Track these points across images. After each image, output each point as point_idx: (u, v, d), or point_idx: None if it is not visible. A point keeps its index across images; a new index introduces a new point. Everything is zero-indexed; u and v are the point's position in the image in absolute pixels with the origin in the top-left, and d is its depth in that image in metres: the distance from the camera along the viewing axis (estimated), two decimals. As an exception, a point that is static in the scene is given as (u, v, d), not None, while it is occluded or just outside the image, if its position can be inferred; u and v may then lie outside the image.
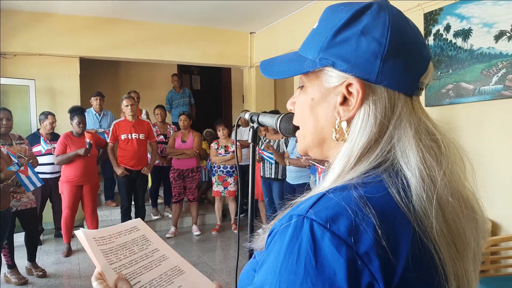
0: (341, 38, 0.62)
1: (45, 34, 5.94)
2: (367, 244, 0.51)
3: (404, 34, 0.62)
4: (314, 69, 0.65)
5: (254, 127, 1.19)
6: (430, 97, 3.82)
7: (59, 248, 5.13)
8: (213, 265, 4.64)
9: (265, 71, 0.74)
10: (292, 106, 0.74)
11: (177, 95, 7.60)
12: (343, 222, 0.52)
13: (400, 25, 0.62)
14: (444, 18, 3.67)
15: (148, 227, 1.02)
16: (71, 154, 4.71)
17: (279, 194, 5.11)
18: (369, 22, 0.61)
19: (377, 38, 0.60)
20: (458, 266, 0.58)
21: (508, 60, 3.16)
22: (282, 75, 0.70)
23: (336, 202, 0.54)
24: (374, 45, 0.60)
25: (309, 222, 0.53)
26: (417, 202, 0.56)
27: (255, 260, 0.69)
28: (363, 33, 0.61)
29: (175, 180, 5.70)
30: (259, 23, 6.68)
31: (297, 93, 0.72)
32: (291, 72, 0.68)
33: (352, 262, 0.50)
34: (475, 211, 0.63)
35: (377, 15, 0.62)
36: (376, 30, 0.61)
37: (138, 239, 0.96)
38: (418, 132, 0.61)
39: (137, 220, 1.02)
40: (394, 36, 0.61)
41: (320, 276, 0.50)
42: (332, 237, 0.51)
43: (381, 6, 0.63)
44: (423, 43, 0.66)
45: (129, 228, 0.97)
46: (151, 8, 5.84)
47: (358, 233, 0.52)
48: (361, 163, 0.61)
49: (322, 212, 0.53)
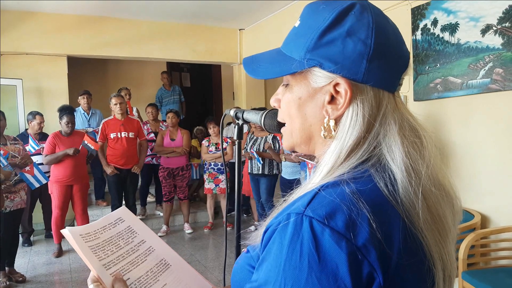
0: (327, 39, 0.63)
1: (32, 33, 5.87)
2: (364, 237, 0.54)
3: (386, 34, 0.64)
4: (302, 70, 0.66)
5: (240, 124, 1.19)
6: (418, 92, 3.84)
7: (50, 249, 5.09)
8: (205, 263, 4.64)
9: (250, 71, 0.75)
10: (277, 103, 0.75)
11: (167, 92, 7.57)
12: (340, 218, 0.55)
13: (382, 24, 0.64)
14: (431, 13, 3.69)
15: (133, 215, 1.01)
16: (60, 153, 4.67)
17: (266, 190, 5.14)
18: (353, 23, 0.63)
19: (362, 39, 0.62)
20: (442, 251, 0.62)
21: (495, 53, 3.18)
22: (269, 75, 0.70)
23: (331, 198, 0.57)
24: (360, 46, 0.62)
25: (308, 219, 0.55)
26: (404, 195, 0.60)
27: (249, 254, 0.71)
28: (349, 34, 0.63)
29: (165, 178, 5.68)
30: (248, 19, 6.66)
31: (280, 90, 0.73)
32: (278, 73, 0.69)
33: (352, 255, 0.53)
34: (451, 196, 0.67)
35: (361, 15, 0.63)
36: (361, 31, 0.63)
37: (123, 232, 0.95)
38: (402, 128, 0.64)
39: (122, 209, 1.02)
40: (378, 36, 0.63)
41: (324, 270, 0.53)
42: (332, 232, 0.54)
43: (363, 6, 0.65)
44: (402, 40, 0.68)
45: (113, 221, 0.97)
46: (139, 5, 5.80)
47: (355, 227, 0.54)
48: (350, 159, 0.63)
49: (319, 209, 0.56)
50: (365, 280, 0.54)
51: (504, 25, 3.11)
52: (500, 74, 3.15)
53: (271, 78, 0.70)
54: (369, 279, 0.54)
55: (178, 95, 7.68)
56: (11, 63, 5.78)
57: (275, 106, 0.76)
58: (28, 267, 4.53)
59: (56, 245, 4.93)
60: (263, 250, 0.60)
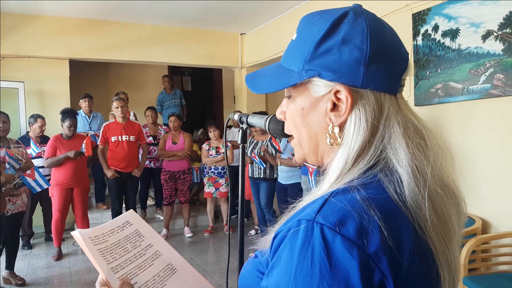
0: (323, 49, 0.64)
1: (34, 36, 5.89)
2: (375, 245, 0.54)
3: (382, 38, 0.65)
4: (302, 81, 0.67)
5: (244, 128, 1.20)
6: (419, 97, 3.85)
7: (50, 252, 5.08)
8: (206, 267, 4.64)
9: (252, 86, 0.76)
10: (282, 115, 0.76)
11: (168, 96, 7.59)
12: (351, 225, 0.55)
13: (377, 29, 0.65)
14: (432, 18, 3.70)
15: (141, 219, 1.02)
16: (61, 156, 4.68)
17: (266, 194, 5.14)
18: (348, 31, 0.64)
19: (358, 46, 0.63)
20: (448, 253, 0.62)
21: (495, 59, 3.19)
22: (270, 89, 0.71)
23: (342, 205, 0.57)
24: (356, 53, 0.63)
25: (319, 226, 0.55)
26: (411, 197, 0.60)
27: (257, 259, 0.71)
28: (344, 42, 0.63)
29: (166, 182, 5.68)
30: (249, 24, 6.69)
31: (285, 102, 0.75)
32: (279, 86, 0.70)
33: (364, 262, 0.53)
34: (457, 197, 0.68)
35: (354, 22, 0.64)
36: (356, 37, 0.63)
37: (131, 235, 0.96)
38: (406, 129, 0.64)
39: (129, 212, 1.02)
40: (374, 41, 0.63)
41: (336, 278, 0.53)
42: (343, 240, 0.54)
43: (356, 13, 0.65)
44: (400, 42, 0.69)
45: (121, 224, 0.97)
46: (141, 9, 5.82)
47: (367, 234, 0.55)
48: (358, 165, 0.63)
49: (330, 216, 0.56)
50: (376, 287, 0.54)
51: (504, 31, 3.12)
52: (501, 80, 3.16)
53: (273, 92, 0.71)
54: (380, 287, 0.54)
55: (179, 99, 7.69)
56: (13, 66, 5.79)
57: (281, 118, 0.77)
58: (28, 270, 4.53)
59: (56, 248, 4.92)
60: (272, 256, 0.60)
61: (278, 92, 0.71)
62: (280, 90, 0.70)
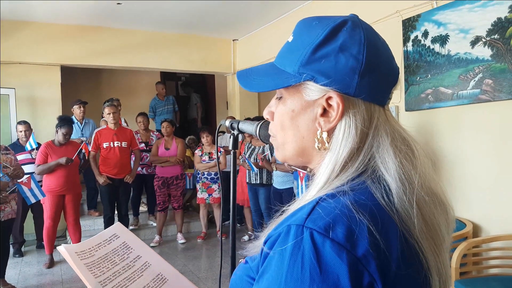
0: (320, 54, 0.65)
1: (26, 42, 5.87)
2: (364, 248, 0.55)
3: (377, 50, 0.67)
4: (296, 83, 0.67)
5: (235, 134, 1.21)
6: (410, 102, 3.88)
7: (41, 260, 5.04)
8: (199, 274, 4.62)
9: (244, 83, 0.76)
10: (269, 115, 0.76)
11: (161, 102, 7.58)
12: (340, 229, 0.55)
13: (373, 41, 0.67)
14: (422, 25, 3.75)
15: (129, 231, 1.02)
16: (53, 163, 4.64)
17: (265, 200, 5.14)
18: (346, 39, 0.65)
19: (354, 55, 0.64)
20: (437, 259, 0.63)
21: (484, 65, 3.24)
22: (264, 88, 0.71)
23: (331, 210, 0.58)
24: (352, 61, 0.64)
25: (308, 231, 0.56)
26: (399, 205, 0.61)
27: (248, 265, 0.71)
28: (341, 49, 0.64)
29: (160, 188, 5.66)
30: (241, 30, 6.72)
31: (273, 102, 0.74)
32: (273, 86, 0.70)
33: (353, 266, 0.54)
34: (445, 204, 0.69)
35: (353, 32, 0.65)
36: (353, 47, 0.64)
37: (118, 248, 0.96)
38: (394, 139, 0.66)
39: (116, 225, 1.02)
40: (370, 52, 0.65)
41: (326, 281, 0.54)
42: (332, 244, 0.55)
43: (355, 23, 0.67)
44: (392, 55, 0.70)
45: (108, 237, 0.97)
46: (133, 15, 5.83)
47: (355, 238, 0.55)
48: (346, 171, 0.64)
49: (319, 220, 0.56)
50: None
51: (493, 37, 3.17)
52: (490, 85, 3.20)
53: (266, 91, 0.71)
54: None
55: (172, 105, 7.69)
56: (4, 72, 5.76)
57: (268, 118, 0.76)
58: (19, 278, 4.48)
59: (48, 256, 4.87)
60: (263, 261, 0.61)
61: (271, 96, 0.72)
62: (274, 89, 0.71)
